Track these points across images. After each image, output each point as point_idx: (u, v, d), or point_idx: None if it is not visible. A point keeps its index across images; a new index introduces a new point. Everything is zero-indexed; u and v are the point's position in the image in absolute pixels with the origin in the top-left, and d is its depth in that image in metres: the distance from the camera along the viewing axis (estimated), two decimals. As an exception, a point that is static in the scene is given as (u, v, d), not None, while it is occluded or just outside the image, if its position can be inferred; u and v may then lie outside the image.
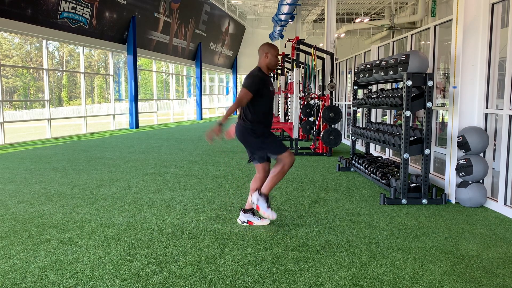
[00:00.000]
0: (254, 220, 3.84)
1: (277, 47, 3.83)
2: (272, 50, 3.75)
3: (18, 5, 10.35)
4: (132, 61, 15.40)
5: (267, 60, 3.74)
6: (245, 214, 3.87)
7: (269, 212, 3.72)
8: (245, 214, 3.87)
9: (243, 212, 3.89)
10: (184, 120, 21.73)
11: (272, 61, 3.75)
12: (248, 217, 3.85)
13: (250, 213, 3.86)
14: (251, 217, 3.85)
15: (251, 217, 3.85)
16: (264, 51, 3.75)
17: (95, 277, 2.74)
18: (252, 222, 3.84)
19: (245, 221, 3.85)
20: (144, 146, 10.05)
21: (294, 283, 2.66)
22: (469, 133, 4.50)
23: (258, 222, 3.84)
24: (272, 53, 3.74)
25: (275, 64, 3.78)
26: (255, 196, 3.75)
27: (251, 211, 3.87)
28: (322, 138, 8.13)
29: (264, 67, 3.77)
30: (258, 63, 3.80)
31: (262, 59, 3.77)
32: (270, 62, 3.75)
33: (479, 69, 4.63)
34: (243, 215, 3.88)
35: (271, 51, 3.74)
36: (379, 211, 4.32)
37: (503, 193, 4.34)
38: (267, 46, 3.78)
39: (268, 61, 3.75)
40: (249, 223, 3.84)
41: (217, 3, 22.42)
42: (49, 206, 4.49)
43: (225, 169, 6.77)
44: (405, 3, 23.04)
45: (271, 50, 3.75)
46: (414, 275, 2.78)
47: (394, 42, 7.37)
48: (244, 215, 3.87)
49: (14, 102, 20.72)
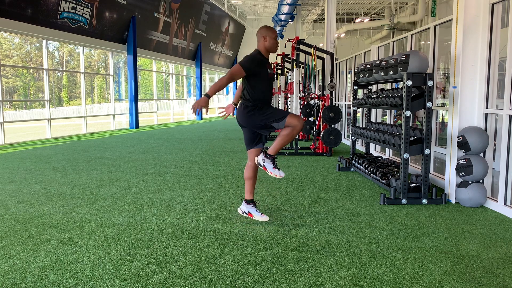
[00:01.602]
0: (254, 214, 3.84)
1: (275, 30, 3.78)
2: (270, 33, 3.70)
3: (18, 5, 10.35)
4: (132, 61, 15.40)
5: (266, 43, 3.70)
6: (247, 205, 3.87)
7: (276, 171, 3.66)
8: (247, 205, 3.87)
9: (245, 202, 3.89)
10: (184, 120, 21.73)
11: (271, 43, 3.71)
12: (249, 208, 3.86)
13: (252, 204, 3.86)
14: (252, 210, 3.85)
15: (253, 209, 3.85)
16: (263, 34, 3.71)
17: (95, 277, 2.74)
18: (252, 214, 3.85)
19: (246, 212, 3.86)
20: (144, 146, 10.05)
21: (294, 283, 2.66)
22: (469, 133, 4.50)
23: (258, 216, 3.84)
24: (270, 36, 3.70)
25: (274, 46, 3.73)
26: (260, 157, 3.69)
27: (253, 203, 3.87)
28: (322, 138, 8.13)
29: (263, 50, 3.73)
30: (257, 46, 3.76)
31: (261, 42, 3.73)
32: (270, 45, 3.71)
33: (479, 69, 4.63)
34: (245, 205, 3.88)
35: (269, 33, 3.70)
36: (379, 211, 4.32)
37: (503, 193, 4.34)
38: (265, 28, 3.74)
39: (268, 44, 3.70)
40: (249, 215, 3.85)
41: (217, 3, 22.42)
42: (49, 206, 4.49)
43: (225, 169, 6.77)
44: (405, 3, 23.04)
45: (269, 32, 3.70)
46: (414, 275, 2.78)
47: (394, 42, 7.37)
48: (246, 206, 3.87)
49: (14, 102, 20.72)
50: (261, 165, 3.70)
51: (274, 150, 3.71)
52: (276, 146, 3.70)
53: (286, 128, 3.64)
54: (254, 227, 3.75)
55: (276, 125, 3.65)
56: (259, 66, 3.65)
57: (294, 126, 3.61)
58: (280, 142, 3.68)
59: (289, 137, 3.64)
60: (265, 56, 3.75)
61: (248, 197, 3.91)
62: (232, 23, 26.33)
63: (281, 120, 3.62)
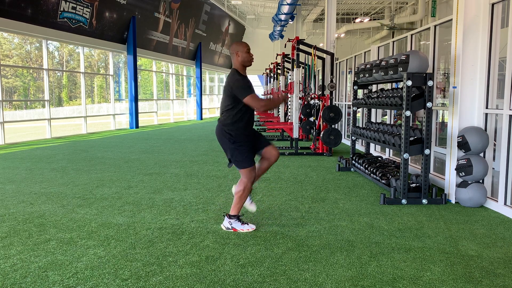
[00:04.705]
0: (238, 227, 3.66)
1: (245, 43, 3.74)
2: (241, 47, 3.68)
3: (18, 5, 10.35)
4: (132, 61, 15.40)
5: (240, 58, 3.67)
6: (229, 219, 3.69)
7: (246, 226, 3.65)
8: (230, 219, 3.69)
9: (227, 217, 3.70)
10: (184, 120, 21.73)
11: (244, 57, 3.67)
12: (233, 223, 3.68)
13: (235, 219, 3.69)
14: (236, 224, 3.68)
15: (236, 223, 3.68)
16: (234, 50, 3.68)
17: (95, 277, 2.74)
18: (236, 229, 3.66)
19: (230, 228, 3.67)
20: (144, 146, 10.05)
21: (294, 283, 2.66)
22: (469, 133, 4.50)
23: (243, 228, 3.66)
24: (242, 50, 3.67)
25: (248, 60, 3.69)
26: (226, 222, 3.68)
27: (236, 217, 3.69)
28: (322, 138, 8.13)
29: (239, 67, 3.69)
30: (233, 65, 3.72)
31: (235, 60, 3.69)
32: (243, 59, 3.67)
33: (479, 69, 4.63)
34: (227, 221, 3.69)
35: (240, 48, 3.67)
36: (379, 211, 4.32)
37: (503, 193, 4.34)
38: (235, 45, 3.72)
39: (241, 59, 3.67)
40: (234, 230, 3.66)
41: (217, 3, 22.43)
42: (49, 206, 4.49)
43: (225, 169, 6.77)
44: (405, 3, 23.04)
45: (239, 47, 3.68)
46: (414, 275, 2.78)
47: (394, 42, 7.37)
48: (229, 221, 3.69)
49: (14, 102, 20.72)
50: (230, 229, 3.66)
51: (236, 210, 3.69)
52: (235, 205, 3.69)
53: (240, 182, 3.65)
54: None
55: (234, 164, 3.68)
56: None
57: (246, 181, 3.61)
58: (237, 200, 3.67)
59: (244, 193, 3.65)
60: (243, 73, 3.70)
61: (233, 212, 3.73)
62: (232, 23, 26.34)
63: (238, 168, 3.63)
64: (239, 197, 3.67)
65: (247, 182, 3.63)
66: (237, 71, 3.68)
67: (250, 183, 3.64)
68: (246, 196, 3.69)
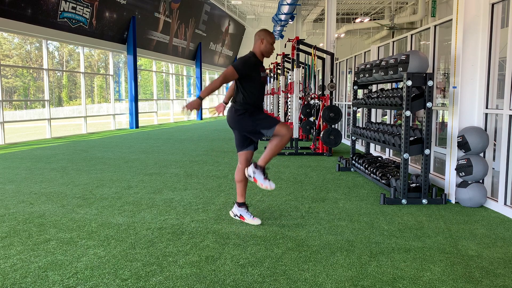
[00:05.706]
0: (246, 216, 3.83)
1: (273, 35, 3.75)
2: (268, 37, 3.67)
3: (18, 5, 10.35)
4: (132, 61, 15.40)
5: (262, 46, 3.67)
6: (239, 208, 3.86)
7: (267, 183, 3.61)
8: (239, 208, 3.86)
9: (237, 205, 3.88)
10: (184, 120, 21.73)
11: (267, 47, 3.68)
12: (241, 211, 3.85)
13: (244, 207, 3.86)
14: (244, 212, 3.84)
15: (244, 212, 3.84)
16: (260, 36, 3.68)
17: (95, 277, 2.74)
18: (244, 217, 3.84)
19: (238, 215, 3.86)
20: (144, 146, 10.05)
21: (294, 283, 2.66)
22: (469, 133, 4.50)
23: (250, 219, 3.82)
24: (268, 40, 3.67)
25: (269, 51, 3.70)
26: (251, 169, 3.65)
27: (245, 206, 3.86)
28: (322, 138, 8.13)
29: (258, 53, 3.70)
30: (253, 48, 3.73)
31: (257, 45, 3.69)
32: (265, 49, 3.68)
33: (479, 69, 4.63)
34: (236, 208, 3.88)
35: (267, 37, 3.67)
36: (379, 211, 4.32)
37: (503, 193, 4.34)
38: (264, 32, 3.71)
39: (263, 47, 3.67)
40: (241, 218, 3.85)
41: (217, 3, 22.43)
42: (49, 206, 4.48)
43: (225, 169, 6.77)
44: (405, 3, 23.04)
45: (267, 36, 3.67)
46: (414, 275, 2.78)
47: (394, 42, 7.37)
48: (238, 209, 3.86)
49: (14, 102, 20.71)
50: (251, 177, 3.64)
51: (264, 161, 3.66)
52: (265, 157, 3.65)
53: (275, 138, 3.59)
54: (254, 227, 3.75)
55: (265, 132, 3.61)
56: (252, 69, 3.62)
57: (283, 135, 3.56)
58: (269, 153, 3.62)
59: (278, 147, 3.60)
60: (260, 59, 3.72)
61: (239, 200, 3.89)
62: (232, 23, 26.33)
63: (270, 128, 3.57)
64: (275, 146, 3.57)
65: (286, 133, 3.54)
66: (255, 54, 3.69)
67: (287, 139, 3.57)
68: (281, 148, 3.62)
